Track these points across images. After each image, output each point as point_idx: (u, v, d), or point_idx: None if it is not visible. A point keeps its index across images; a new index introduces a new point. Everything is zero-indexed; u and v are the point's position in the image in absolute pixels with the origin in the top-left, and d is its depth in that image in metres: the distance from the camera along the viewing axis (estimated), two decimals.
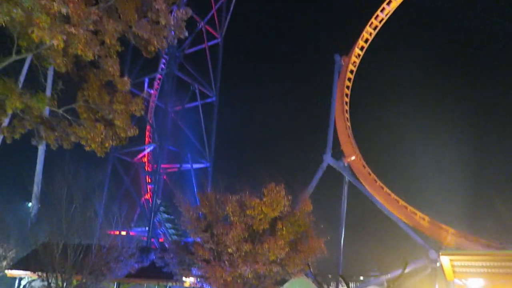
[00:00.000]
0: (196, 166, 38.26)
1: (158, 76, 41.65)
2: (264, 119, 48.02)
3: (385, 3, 31.78)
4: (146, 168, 42.30)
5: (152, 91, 42.56)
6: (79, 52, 9.72)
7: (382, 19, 32.48)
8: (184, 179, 38.87)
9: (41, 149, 24.67)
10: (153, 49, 11.77)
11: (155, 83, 42.63)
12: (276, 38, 53.44)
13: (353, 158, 30.42)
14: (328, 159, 30.51)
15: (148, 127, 42.36)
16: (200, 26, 40.12)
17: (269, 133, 49.10)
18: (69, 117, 11.46)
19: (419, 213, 28.57)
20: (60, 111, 11.41)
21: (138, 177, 41.36)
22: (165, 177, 38.45)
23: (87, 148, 11.54)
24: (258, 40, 53.98)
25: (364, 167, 30.96)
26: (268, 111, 47.67)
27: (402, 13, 33.93)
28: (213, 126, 39.74)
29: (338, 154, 30.93)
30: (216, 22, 41.63)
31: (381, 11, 32.16)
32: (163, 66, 39.93)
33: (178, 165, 38.16)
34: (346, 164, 30.68)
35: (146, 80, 40.48)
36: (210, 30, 41.29)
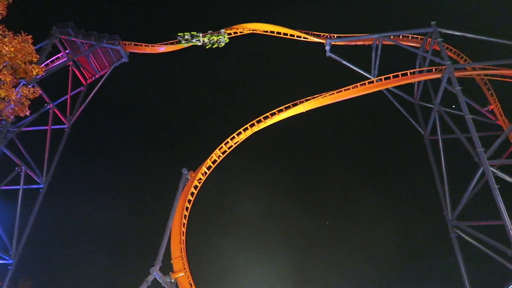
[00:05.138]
0: None
1: None
2: (95, 220, 43.92)
3: (236, 133, 35.50)
4: None
5: None
6: None
7: (231, 146, 35.74)
8: None
9: None
10: None
11: None
12: (126, 139, 52.55)
13: (181, 274, 29.43)
14: (154, 273, 28.80)
15: None
16: (48, 107, 37.43)
17: (97, 236, 44.61)
18: None
19: None
20: None
21: None
22: None
23: None
24: (108, 136, 52.11)
25: (191, 286, 29.99)
26: (102, 212, 44.09)
27: (247, 145, 37.88)
28: (31, 217, 34.40)
29: (168, 268, 29.61)
30: (68, 108, 39.54)
31: (231, 139, 35.58)
32: None
33: None
34: (173, 280, 29.37)
35: None
36: (59, 114, 38.74)
